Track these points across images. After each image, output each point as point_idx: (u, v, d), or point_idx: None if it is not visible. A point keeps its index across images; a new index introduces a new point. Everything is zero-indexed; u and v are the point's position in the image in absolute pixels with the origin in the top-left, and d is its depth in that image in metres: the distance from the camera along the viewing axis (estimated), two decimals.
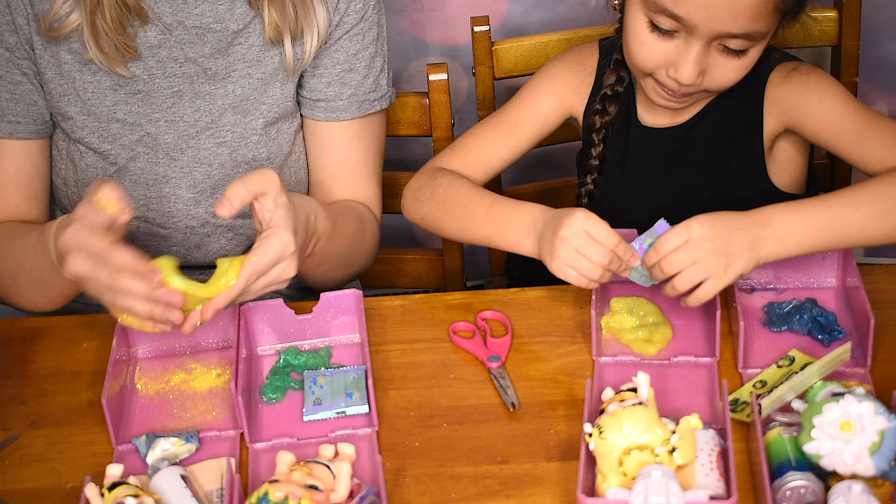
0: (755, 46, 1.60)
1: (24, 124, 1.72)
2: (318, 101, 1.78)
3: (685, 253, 1.50)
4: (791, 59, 1.73)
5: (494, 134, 1.81)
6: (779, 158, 1.76)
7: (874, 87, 2.45)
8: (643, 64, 1.64)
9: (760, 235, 1.51)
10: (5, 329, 1.72)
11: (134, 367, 1.63)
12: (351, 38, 1.76)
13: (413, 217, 1.79)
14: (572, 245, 1.53)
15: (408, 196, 1.80)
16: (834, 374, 1.50)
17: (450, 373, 1.60)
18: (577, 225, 1.53)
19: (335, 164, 1.81)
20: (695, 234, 1.50)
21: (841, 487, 1.31)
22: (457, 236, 1.74)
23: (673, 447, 1.34)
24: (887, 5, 2.37)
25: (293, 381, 1.59)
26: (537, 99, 1.82)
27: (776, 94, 1.71)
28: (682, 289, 1.51)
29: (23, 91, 1.71)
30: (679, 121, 1.76)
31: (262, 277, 1.48)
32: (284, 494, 1.32)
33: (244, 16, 1.72)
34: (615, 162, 1.80)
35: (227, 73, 1.74)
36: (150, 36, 1.70)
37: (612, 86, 1.77)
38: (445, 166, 1.80)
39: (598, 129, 1.78)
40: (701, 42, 1.58)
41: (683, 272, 1.50)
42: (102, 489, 1.39)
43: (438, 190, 1.75)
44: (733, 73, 1.62)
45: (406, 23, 2.40)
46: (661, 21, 1.59)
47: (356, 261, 1.78)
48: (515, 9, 2.39)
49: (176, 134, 1.75)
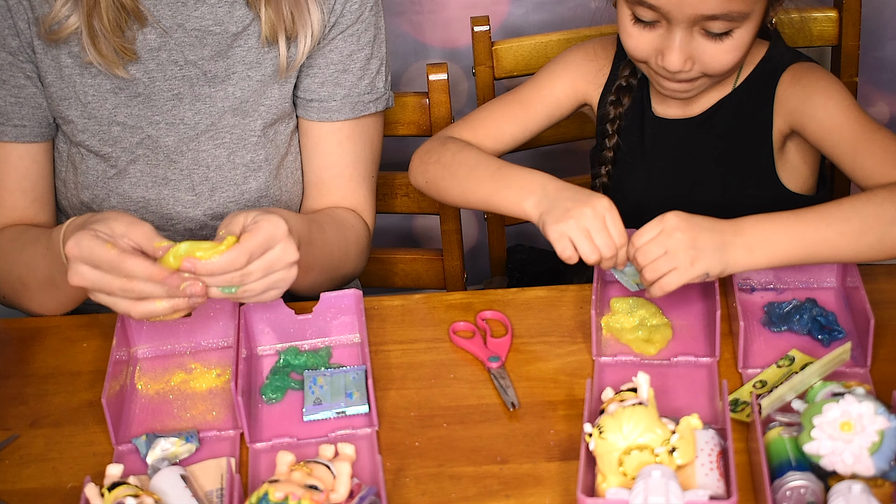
0: (739, 28, 1.62)
1: (29, 127, 1.72)
2: (312, 102, 1.79)
3: (657, 243, 1.52)
4: (806, 60, 1.74)
5: (507, 110, 1.84)
6: (790, 159, 1.76)
7: (874, 87, 2.45)
8: (633, 54, 1.68)
9: (732, 241, 1.52)
10: (5, 329, 1.72)
11: (134, 366, 1.63)
12: (346, 38, 1.76)
13: (418, 181, 1.81)
14: (585, 223, 1.55)
15: (415, 160, 1.81)
16: (834, 374, 1.50)
17: (450, 373, 1.60)
18: (599, 209, 1.55)
19: (325, 166, 1.81)
20: (668, 225, 1.52)
21: (841, 487, 1.31)
22: (457, 198, 1.75)
23: (673, 447, 1.34)
24: (887, 5, 2.37)
25: (293, 381, 1.59)
26: (553, 81, 1.84)
27: (785, 94, 1.72)
28: (651, 278, 1.53)
29: (27, 94, 1.71)
30: (691, 113, 1.77)
31: (260, 260, 1.46)
32: (284, 494, 1.32)
33: (243, 18, 1.72)
34: (629, 153, 1.81)
35: (227, 76, 1.74)
36: (149, 39, 1.70)
37: (626, 77, 1.79)
38: (456, 136, 1.81)
39: (613, 119, 1.80)
40: (682, 28, 1.61)
41: (653, 262, 1.51)
42: (102, 489, 1.39)
43: (446, 154, 1.76)
44: (724, 56, 1.64)
45: (406, 25, 2.40)
46: (641, 13, 1.63)
47: (342, 267, 1.78)
48: (516, 10, 2.40)
49: (176, 136, 1.75)
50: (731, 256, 1.52)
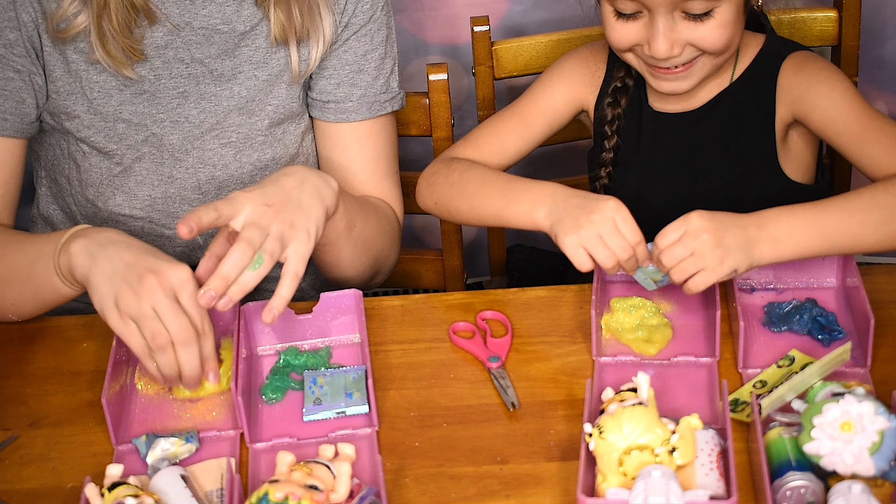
0: (720, 6, 1.63)
1: (10, 122, 1.70)
2: (328, 103, 1.79)
3: (682, 245, 1.51)
4: (804, 49, 1.75)
5: (508, 125, 1.84)
6: (792, 149, 1.77)
7: (874, 87, 2.45)
8: (618, 45, 1.70)
9: (756, 236, 1.52)
10: (5, 329, 1.72)
11: (134, 366, 1.63)
12: (359, 38, 1.77)
13: (426, 203, 1.81)
14: (598, 229, 1.54)
15: (422, 183, 1.82)
16: (834, 374, 1.50)
17: (450, 373, 1.60)
18: (607, 212, 1.55)
19: (348, 164, 1.81)
20: (692, 226, 1.51)
21: (841, 487, 1.31)
22: (467, 215, 1.75)
23: (673, 447, 1.34)
24: (887, 5, 2.37)
25: (293, 381, 1.59)
26: (550, 92, 1.84)
27: (788, 83, 1.72)
28: (679, 279, 1.52)
29: (13, 88, 1.70)
30: (691, 107, 1.77)
31: (247, 228, 1.48)
32: (284, 494, 1.32)
33: (251, 17, 1.72)
34: (629, 152, 1.81)
35: (234, 75, 1.74)
36: (156, 37, 1.70)
37: (622, 78, 1.80)
38: (460, 155, 1.82)
39: (611, 120, 1.80)
40: (662, 14, 1.62)
41: (680, 263, 1.51)
42: (102, 489, 1.39)
43: (453, 174, 1.77)
44: (711, 34, 1.64)
45: (406, 22, 2.40)
46: (622, 6, 1.65)
47: (375, 245, 1.77)
48: (515, 8, 2.39)
49: (181, 135, 1.75)
50: (758, 251, 1.52)
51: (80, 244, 1.53)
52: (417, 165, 1.87)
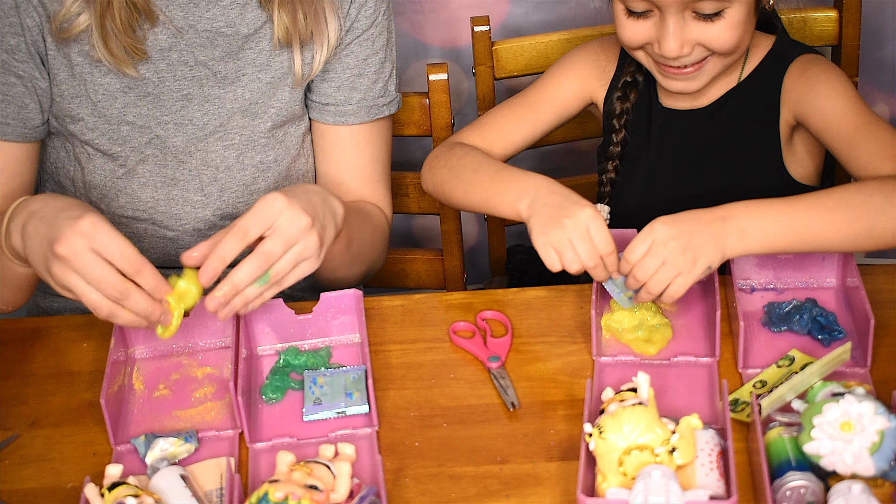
0: (730, 7, 1.63)
1: (12, 126, 1.70)
2: (328, 106, 1.79)
3: (653, 256, 1.51)
4: (812, 52, 1.76)
5: (515, 112, 1.84)
6: (797, 150, 1.77)
7: (874, 88, 2.45)
8: (629, 43, 1.70)
9: (723, 228, 1.52)
10: (5, 329, 1.72)
11: (132, 367, 1.63)
12: (361, 43, 1.77)
13: (427, 185, 1.82)
14: (568, 234, 1.54)
15: (425, 165, 1.83)
16: (834, 374, 1.50)
17: (450, 373, 1.60)
18: (581, 218, 1.54)
19: (344, 167, 1.82)
20: (658, 236, 1.51)
21: (841, 487, 1.31)
22: (460, 200, 1.76)
23: (673, 447, 1.34)
24: (887, 5, 2.37)
25: (293, 381, 1.59)
26: (560, 81, 1.85)
27: (791, 85, 1.73)
28: (657, 291, 1.52)
29: (15, 93, 1.70)
30: (699, 104, 1.78)
31: (273, 238, 1.46)
32: (284, 494, 1.32)
33: (255, 20, 1.72)
34: (637, 147, 1.82)
35: (237, 77, 1.74)
36: (160, 39, 1.70)
37: (632, 73, 1.81)
38: (465, 141, 1.82)
39: (620, 114, 1.81)
40: (674, 15, 1.63)
41: (655, 274, 1.51)
42: (102, 489, 1.39)
43: (452, 158, 1.77)
44: (721, 35, 1.65)
45: (406, 24, 2.40)
46: (633, 5, 1.66)
47: (368, 257, 1.78)
48: (516, 10, 2.40)
49: (185, 137, 1.75)
50: (727, 243, 1.52)
51: (14, 224, 1.53)
52: (417, 166, 1.87)
